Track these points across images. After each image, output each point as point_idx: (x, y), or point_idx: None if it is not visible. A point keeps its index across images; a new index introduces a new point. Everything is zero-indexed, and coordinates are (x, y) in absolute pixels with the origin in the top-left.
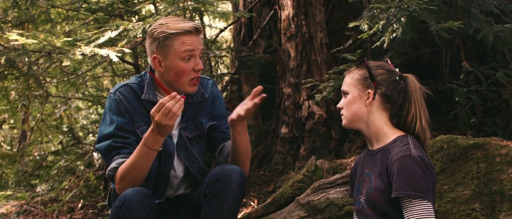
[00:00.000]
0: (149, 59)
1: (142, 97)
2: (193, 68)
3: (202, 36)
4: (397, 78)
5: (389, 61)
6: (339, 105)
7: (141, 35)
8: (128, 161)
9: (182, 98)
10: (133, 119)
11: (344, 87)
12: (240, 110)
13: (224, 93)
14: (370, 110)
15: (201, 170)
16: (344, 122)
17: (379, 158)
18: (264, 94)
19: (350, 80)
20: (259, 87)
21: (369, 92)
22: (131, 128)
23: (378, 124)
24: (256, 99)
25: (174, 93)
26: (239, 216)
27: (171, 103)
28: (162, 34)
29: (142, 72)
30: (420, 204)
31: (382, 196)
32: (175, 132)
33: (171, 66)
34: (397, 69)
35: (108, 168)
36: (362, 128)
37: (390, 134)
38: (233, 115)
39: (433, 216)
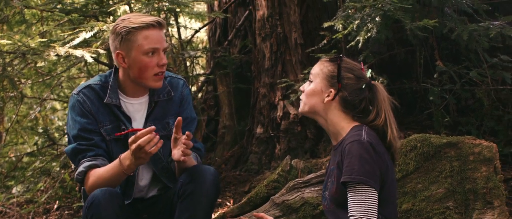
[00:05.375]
0: (113, 56)
1: (105, 101)
2: (157, 63)
3: (165, 31)
4: (363, 87)
5: (362, 65)
6: (301, 88)
7: None
8: (100, 174)
9: (157, 136)
10: (96, 118)
11: (312, 72)
12: (179, 152)
13: (200, 94)
14: (328, 107)
15: (164, 169)
16: (300, 108)
17: (339, 151)
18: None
19: (319, 71)
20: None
21: (330, 91)
22: (95, 127)
23: (335, 120)
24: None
25: (152, 127)
26: (214, 216)
27: (143, 141)
28: (124, 29)
29: (107, 72)
30: (362, 190)
31: (341, 188)
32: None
33: (135, 62)
34: (369, 74)
35: (76, 172)
36: (321, 122)
37: (347, 127)
38: (178, 157)
39: (375, 202)
